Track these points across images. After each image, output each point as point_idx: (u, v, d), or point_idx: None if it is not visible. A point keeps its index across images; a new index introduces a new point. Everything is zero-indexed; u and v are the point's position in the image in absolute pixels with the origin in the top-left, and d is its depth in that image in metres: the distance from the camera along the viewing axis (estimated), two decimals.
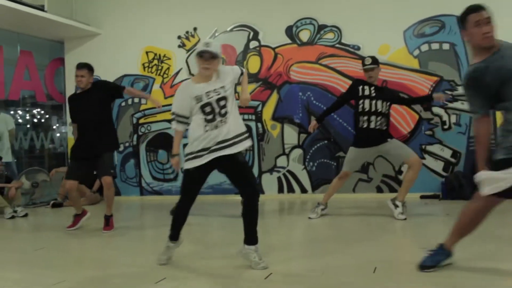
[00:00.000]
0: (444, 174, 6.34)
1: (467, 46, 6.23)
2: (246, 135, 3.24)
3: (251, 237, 3.15)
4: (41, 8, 7.04)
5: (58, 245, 4.33)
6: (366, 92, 4.81)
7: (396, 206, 4.77)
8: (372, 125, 4.75)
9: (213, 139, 3.10)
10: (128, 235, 4.64)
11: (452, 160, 6.35)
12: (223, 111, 3.13)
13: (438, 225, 4.61)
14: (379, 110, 4.76)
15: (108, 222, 4.78)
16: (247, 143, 3.22)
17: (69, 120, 8.09)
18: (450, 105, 6.32)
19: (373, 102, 4.76)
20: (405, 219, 4.68)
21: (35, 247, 4.14)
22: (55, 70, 8.30)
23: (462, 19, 2.76)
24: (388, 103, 4.88)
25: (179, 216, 3.31)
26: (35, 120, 8.40)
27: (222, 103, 3.14)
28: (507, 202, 2.66)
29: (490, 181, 2.60)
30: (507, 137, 2.64)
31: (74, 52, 8.21)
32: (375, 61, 4.88)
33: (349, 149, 5.01)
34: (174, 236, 3.33)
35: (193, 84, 3.22)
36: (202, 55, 3.11)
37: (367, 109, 4.77)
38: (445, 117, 6.35)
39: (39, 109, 8.33)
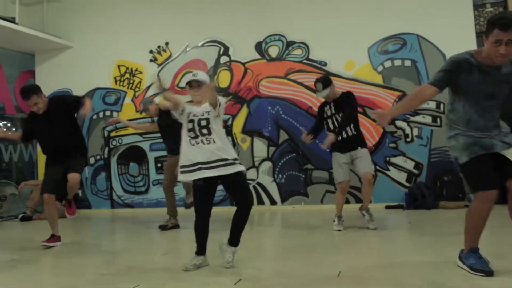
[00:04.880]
0: (407, 184, 6.60)
1: (427, 63, 6.59)
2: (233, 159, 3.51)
3: (234, 239, 3.49)
4: (12, 20, 7.05)
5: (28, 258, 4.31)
6: (329, 113, 4.95)
7: (363, 215, 4.95)
8: (340, 138, 4.85)
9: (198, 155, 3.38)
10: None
11: (415, 171, 6.63)
12: (204, 130, 3.38)
13: (401, 234, 4.82)
14: (341, 122, 4.86)
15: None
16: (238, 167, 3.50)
17: None
18: (412, 118, 6.61)
19: (334, 118, 4.92)
20: (374, 228, 4.82)
21: (4, 259, 4.14)
22: (25, 82, 8.24)
23: (489, 28, 2.73)
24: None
25: (196, 230, 3.50)
26: None
27: (203, 123, 3.39)
28: None
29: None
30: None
31: (45, 65, 8.25)
32: (325, 83, 4.88)
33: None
34: (198, 250, 3.50)
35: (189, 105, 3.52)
36: (191, 84, 3.44)
37: (332, 128, 4.92)
38: (408, 130, 6.65)
39: (8, 122, 8.25)
